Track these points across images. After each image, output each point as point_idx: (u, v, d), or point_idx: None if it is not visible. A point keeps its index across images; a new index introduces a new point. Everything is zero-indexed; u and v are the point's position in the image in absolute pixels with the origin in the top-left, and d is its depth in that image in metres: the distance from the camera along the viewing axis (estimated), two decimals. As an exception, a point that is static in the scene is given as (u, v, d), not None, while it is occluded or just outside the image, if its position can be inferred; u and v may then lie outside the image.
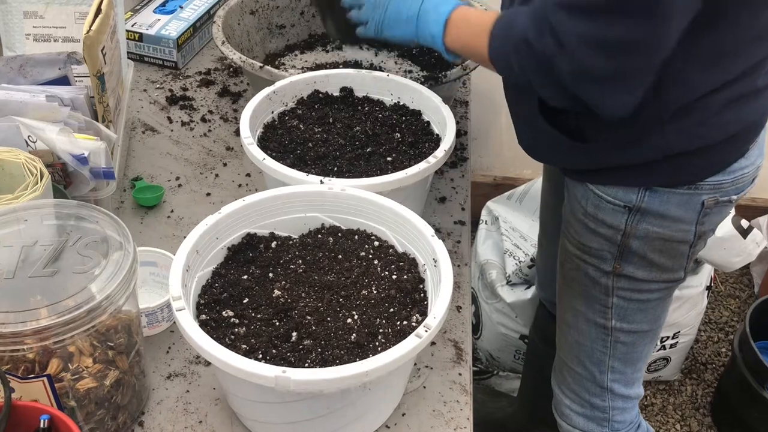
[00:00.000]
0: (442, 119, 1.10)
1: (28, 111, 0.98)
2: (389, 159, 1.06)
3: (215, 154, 1.30)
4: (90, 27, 1.00)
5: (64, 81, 1.10)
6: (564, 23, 0.82)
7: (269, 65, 1.27)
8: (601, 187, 0.99)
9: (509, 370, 1.88)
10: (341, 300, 0.86)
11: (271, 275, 0.90)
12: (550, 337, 1.43)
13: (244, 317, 0.84)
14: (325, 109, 1.17)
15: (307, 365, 0.78)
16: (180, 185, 1.23)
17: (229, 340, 0.81)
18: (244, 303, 0.86)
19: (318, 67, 1.46)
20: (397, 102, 1.18)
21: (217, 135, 1.35)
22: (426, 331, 0.76)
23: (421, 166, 0.99)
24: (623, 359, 1.13)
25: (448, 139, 1.05)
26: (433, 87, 1.19)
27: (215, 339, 0.76)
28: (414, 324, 0.83)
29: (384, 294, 0.86)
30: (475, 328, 1.88)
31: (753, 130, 0.96)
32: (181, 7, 1.59)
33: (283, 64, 1.48)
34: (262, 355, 0.79)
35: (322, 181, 0.96)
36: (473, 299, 1.88)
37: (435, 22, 1.02)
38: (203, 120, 1.39)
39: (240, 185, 1.24)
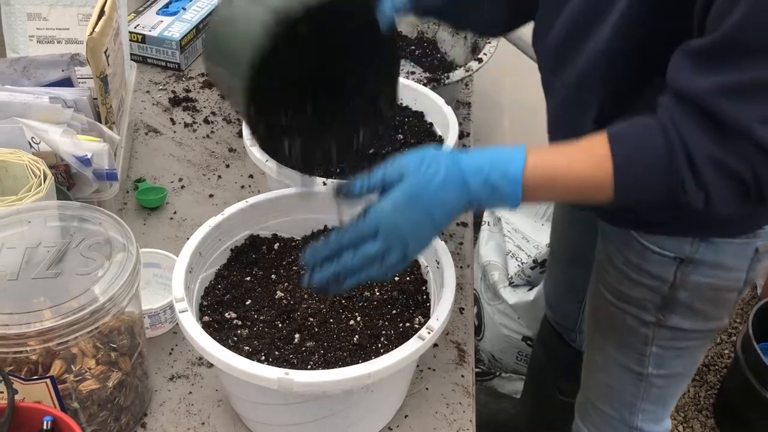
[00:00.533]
0: (445, 121, 1.10)
1: (32, 112, 0.98)
2: (392, 160, 1.06)
3: (218, 155, 1.31)
4: (93, 29, 1.00)
5: (67, 83, 1.10)
6: None
7: (272, 67, 1.27)
8: (648, 237, 0.91)
9: (511, 372, 1.87)
10: (344, 302, 0.86)
11: (273, 277, 0.90)
12: (556, 356, 1.42)
13: (246, 319, 0.84)
14: (328, 111, 1.17)
15: (309, 367, 0.78)
16: (183, 187, 1.23)
17: (232, 342, 0.81)
18: (246, 305, 0.86)
19: (321, 68, 1.46)
20: (400, 103, 1.18)
21: (220, 136, 1.35)
22: (428, 333, 0.76)
23: (423, 167, 0.99)
24: (655, 401, 1.07)
25: (450, 141, 1.05)
26: (435, 88, 1.19)
27: (218, 341, 0.76)
28: (416, 326, 0.83)
29: (386, 296, 0.87)
30: (477, 330, 1.88)
31: None
32: (184, 8, 1.59)
33: (286, 65, 1.48)
34: (264, 357, 0.79)
35: (324, 183, 0.96)
36: (475, 301, 1.88)
37: (500, 198, 0.74)
38: (206, 121, 1.39)
39: (243, 186, 1.24)
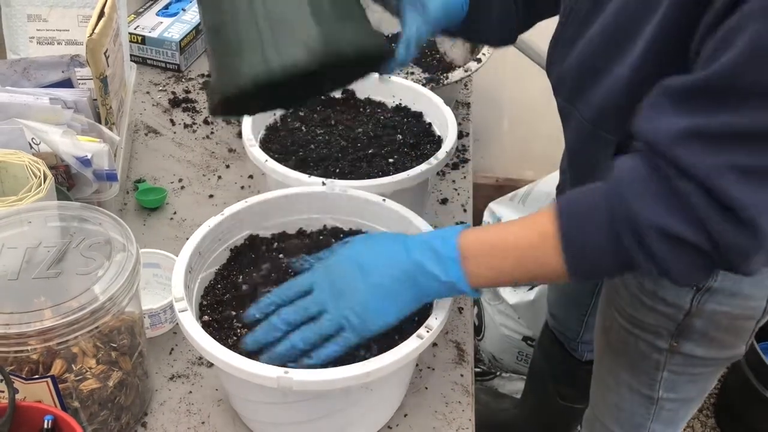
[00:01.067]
0: (444, 121, 1.10)
1: (32, 113, 0.98)
2: (391, 160, 1.07)
3: (218, 156, 1.31)
4: (93, 30, 1.00)
5: (67, 84, 1.11)
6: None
7: (271, 67, 1.27)
8: None
9: (512, 372, 1.88)
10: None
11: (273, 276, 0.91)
12: (556, 364, 1.42)
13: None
14: (327, 111, 1.17)
15: (309, 366, 0.78)
16: (183, 187, 1.24)
17: (232, 341, 0.81)
18: (246, 304, 0.86)
19: (320, 69, 1.46)
20: (399, 104, 1.19)
21: (220, 137, 1.36)
22: (427, 332, 0.77)
23: (422, 167, 1.00)
24: (665, 423, 1.05)
25: (449, 141, 1.05)
26: (434, 89, 1.19)
27: (218, 340, 0.76)
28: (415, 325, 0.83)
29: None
30: (477, 330, 1.89)
31: None
32: (183, 9, 1.60)
33: (286, 66, 1.48)
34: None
35: (324, 183, 0.96)
36: (476, 301, 1.88)
37: (443, 269, 0.74)
38: (206, 122, 1.39)
39: (243, 187, 1.24)
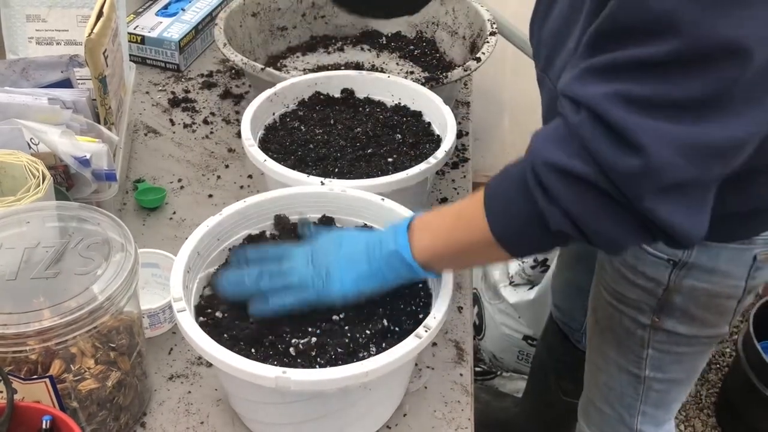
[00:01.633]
0: (443, 120, 1.10)
1: (31, 114, 0.98)
2: (390, 160, 1.07)
3: (217, 155, 1.31)
4: (92, 30, 1.00)
5: (66, 84, 1.10)
6: (644, 123, 0.61)
7: (271, 67, 1.27)
8: None
9: (512, 371, 1.87)
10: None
11: (272, 276, 0.90)
12: (559, 356, 1.42)
13: (245, 318, 0.84)
14: (326, 111, 1.17)
15: (307, 365, 0.78)
16: (182, 187, 1.23)
17: (231, 342, 0.81)
18: (245, 304, 0.86)
19: (319, 68, 1.46)
20: (398, 103, 1.19)
21: (219, 137, 1.35)
22: (426, 331, 0.76)
23: (421, 166, 1.00)
24: (655, 404, 1.08)
25: (448, 140, 1.05)
26: (434, 88, 1.19)
27: (216, 340, 0.76)
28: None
29: (385, 294, 0.86)
30: (478, 329, 1.88)
31: None
32: (183, 9, 1.60)
33: (285, 65, 1.48)
34: (262, 356, 0.79)
35: (323, 183, 0.96)
36: (476, 300, 1.88)
37: (394, 238, 0.78)
38: (205, 122, 1.39)
39: (242, 187, 1.24)
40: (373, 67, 1.45)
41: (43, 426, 0.72)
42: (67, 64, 1.10)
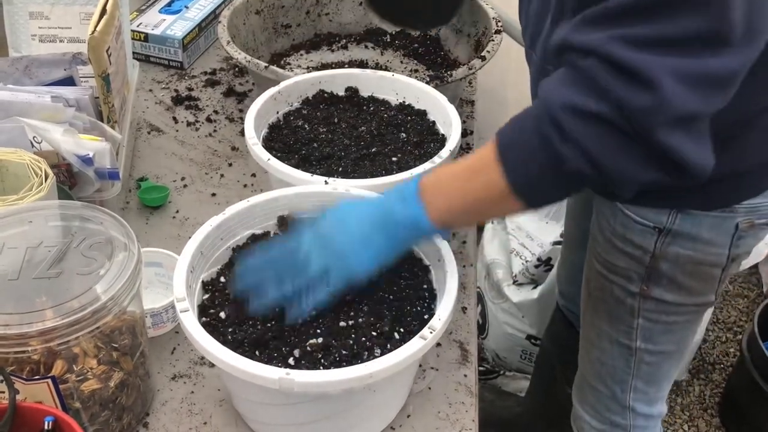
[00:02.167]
0: (448, 119, 1.09)
1: (33, 112, 0.98)
2: (394, 159, 1.06)
3: (220, 154, 1.30)
4: (95, 27, 1.00)
5: (69, 81, 1.10)
6: (648, 60, 0.64)
7: (274, 65, 1.26)
8: (631, 207, 0.94)
9: (515, 370, 1.87)
10: (347, 297, 0.86)
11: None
12: (564, 343, 1.42)
13: (248, 319, 0.84)
14: (330, 109, 1.17)
15: (311, 367, 0.77)
16: (185, 185, 1.23)
17: (234, 342, 0.81)
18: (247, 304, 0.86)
19: (323, 66, 1.46)
20: (403, 102, 1.18)
21: (223, 135, 1.35)
22: (431, 332, 0.76)
23: (426, 166, 0.99)
24: (647, 379, 1.10)
25: (453, 139, 1.04)
26: (438, 86, 1.18)
27: (219, 340, 0.76)
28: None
29: (389, 295, 0.86)
30: (481, 328, 1.88)
31: None
32: (186, 7, 1.59)
33: (289, 63, 1.48)
34: (266, 357, 0.78)
35: (326, 182, 0.96)
36: (479, 299, 1.88)
37: (405, 205, 0.78)
38: (209, 120, 1.39)
39: (245, 185, 1.23)
40: (377, 65, 1.44)
41: (46, 427, 0.71)
42: (70, 61, 1.10)
